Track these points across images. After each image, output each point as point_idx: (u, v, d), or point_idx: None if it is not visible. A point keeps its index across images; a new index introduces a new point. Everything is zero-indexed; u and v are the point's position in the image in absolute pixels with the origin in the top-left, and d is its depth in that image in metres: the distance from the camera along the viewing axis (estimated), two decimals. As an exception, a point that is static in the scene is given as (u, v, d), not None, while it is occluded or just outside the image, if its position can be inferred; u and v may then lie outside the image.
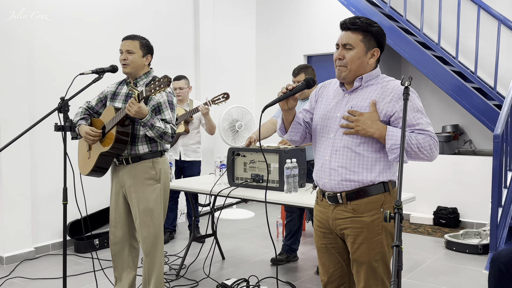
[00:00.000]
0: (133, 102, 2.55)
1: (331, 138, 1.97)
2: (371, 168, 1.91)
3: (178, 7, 5.64)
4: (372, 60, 1.95)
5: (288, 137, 2.07)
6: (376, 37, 1.93)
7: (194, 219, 3.86)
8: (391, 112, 1.88)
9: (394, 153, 1.83)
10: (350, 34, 1.92)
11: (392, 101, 1.88)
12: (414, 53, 5.18)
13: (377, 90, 1.93)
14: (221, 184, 3.45)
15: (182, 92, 4.65)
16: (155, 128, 2.64)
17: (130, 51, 2.76)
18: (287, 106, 1.97)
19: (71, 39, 4.50)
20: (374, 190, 1.92)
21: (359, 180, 1.91)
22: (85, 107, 2.96)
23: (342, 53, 1.93)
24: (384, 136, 1.84)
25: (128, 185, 2.78)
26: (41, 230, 4.31)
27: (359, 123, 1.87)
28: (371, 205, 1.92)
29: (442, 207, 5.20)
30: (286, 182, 3.11)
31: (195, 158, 4.73)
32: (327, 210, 2.02)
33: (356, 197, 1.93)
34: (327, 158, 1.97)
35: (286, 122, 2.06)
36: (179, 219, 5.37)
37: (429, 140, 1.84)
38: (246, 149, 3.41)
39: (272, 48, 6.66)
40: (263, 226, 5.25)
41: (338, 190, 1.95)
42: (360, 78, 1.95)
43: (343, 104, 1.98)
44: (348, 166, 1.92)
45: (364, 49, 1.91)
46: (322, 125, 2.02)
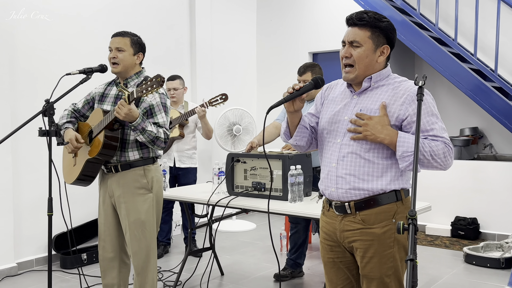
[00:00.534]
0: (122, 104, 2.54)
1: (338, 143, 1.97)
2: (381, 175, 1.90)
3: (172, 1, 5.67)
4: (382, 58, 1.94)
5: (294, 142, 2.07)
6: (385, 33, 1.92)
7: (190, 232, 3.86)
8: (404, 116, 1.87)
9: (406, 161, 1.82)
10: (357, 30, 1.91)
11: (405, 104, 1.87)
12: (428, 49, 5.19)
13: (388, 91, 1.92)
14: (219, 193, 3.45)
15: (176, 93, 4.66)
16: (147, 133, 2.64)
17: (120, 48, 2.76)
18: (293, 107, 1.97)
19: (56, 36, 4.52)
20: (385, 199, 1.91)
21: (369, 189, 1.90)
22: (71, 110, 2.96)
23: (349, 51, 1.92)
24: (394, 142, 1.83)
25: (117, 195, 2.78)
26: (24, 243, 4.31)
27: (367, 127, 1.86)
28: (382, 216, 1.91)
29: (461, 217, 5.19)
30: (290, 191, 3.11)
31: (190, 165, 4.74)
32: (334, 221, 2.01)
33: (366, 207, 1.92)
34: (333, 165, 1.96)
35: (291, 125, 2.06)
36: (174, 232, 5.37)
37: (443, 147, 1.83)
38: (246, 154, 3.41)
39: (274, 45, 6.68)
40: (266, 239, 5.25)
41: (346, 200, 1.94)
42: (369, 78, 1.94)
43: (351, 106, 1.97)
44: (356, 174, 1.91)
45: (372, 47, 1.90)
46: (329, 129, 2.01)
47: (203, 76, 5.95)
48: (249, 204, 3.17)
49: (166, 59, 5.58)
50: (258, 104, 6.84)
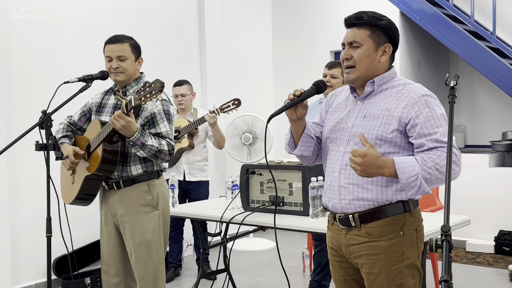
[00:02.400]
0: (119, 115, 2.55)
1: (341, 151, 2.02)
2: (386, 184, 1.93)
3: (179, 1, 5.72)
4: (384, 58, 1.99)
5: (298, 152, 2.11)
6: (386, 31, 1.98)
7: (203, 252, 3.86)
8: (406, 119, 1.90)
9: (413, 187, 1.81)
10: (356, 30, 1.98)
11: (407, 106, 1.91)
12: (464, 45, 5.15)
13: (392, 95, 1.97)
14: (233, 208, 3.45)
15: (184, 100, 4.69)
16: (147, 147, 2.65)
17: (122, 57, 2.78)
18: (296, 115, 2.03)
19: (54, 41, 4.59)
20: (392, 210, 1.94)
21: (374, 199, 1.94)
22: (66, 123, 2.99)
23: (349, 52, 1.99)
24: (394, 171, 1.81)
25: (120, 213, 2.79)
26: (22, 267, 4.36)
27: (364, 166, 1.81)
28: (388, 228, 1.94)
29: (505, 232, 5.11)
30: (311, 205, 3.10)
31: (202, 178, 4.75)
32: (339, 236, 2.06)
33: (371, 219, 1.95)
34: (336, 174, 2.01)
35: (295, 135, 2.11)
36: (185, 252, 5.37)
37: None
38: (262, 166, 3.41)
39: (292, 43, 6.69)
40: (287, 258, 5.23)
41: (350, 211, 1.98)
42: (371, 82, 2.00)
43: (355, 112, 2.03)
44: (360, 183, 1.95)
45: (373, 46, 1.97)
46: (332, 137, 2.07)
47: (214, 80, 5.98)
48: (267, 221, 3.15)
49: (173, 63, 5.63)
50: (276, 109, 6.84)
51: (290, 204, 3.27)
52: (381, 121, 1.94)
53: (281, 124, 6.83)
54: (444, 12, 5.36)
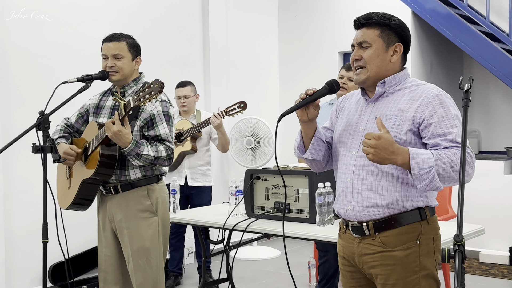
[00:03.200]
0: (114, 122, 2.55)
1: (353, 156, 2.02)
2: (402, 190, 1.93)
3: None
4: (395, 58, 2.00)
5: (309, 156, 2.11)
6: (396, 31, 2.00)
7: (205, 260, 3.85)
8: (420, 119, 1.91)
9: (424, 180, 1.80)
10: (366, 30, 2.00)
11: (421, 106, 1.91)
12: (479, 46, 5.13)
13: (405, 96, 1.97)
14: (237, 215, 3.45)
15: (187, 102, 4.69)
16: (143, 157, 2.66)
17: (117, 55, 2.79)
18: (307, 116, 2.03)
19: (53, 40, 4.60)
20: (408, 218, 1.94)
21: (389, 206, 1.94)
22: (63, 125, 3.00)
23: (359, 52, 2.01)
24: (408, 160, 1.81)
25: (118, 219, 2.79)
26: (16, 274, 4.36)
27: (377, 149, 1.81)
28: (404, 237, 1.94)
29: (521, 242, 5.09)
30: (318, 212, 3.09)
31: (204, 183, 4.75)
32: (351, 245, 2.05)
33: (386, 227, 1.95)
34: (348, 180, 2.01)
35: (305, 137, 2.11)
36: (186, 260, 5.37)
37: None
38: (267, 171, 3.41)
39: (299, 44, 6.69)
40: (292, 268, 5.20)
41: (364, 219, 1.98)
42: (382, 82, 2.00)
43: (367, 115, 2.03)
44: (374, 189, 1.95)
45: (383, 45, 1.99)
46: (343, 141, 2.07)
47: (218, 81, 5.98)
48: (271, 228, 3.15)
49: (176, 63, 5.63)
50: (282, 112, 6.84)
51: (296, 211, 3.26)
52: (394, 122, 1.94)
53: (287, 127, 6.82)
54: (458, 12, 5.35)
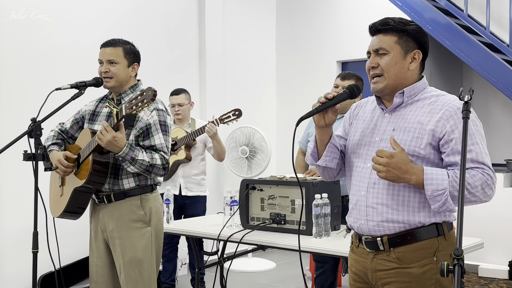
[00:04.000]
0: (107, 129, 2.56)
1: (368, 168, 1.98)
2: (419, 205, 1.90)
3: (179, 4, 5.75)
4: (414, 65, 1.98)
5: (323, 163, 2.07)
6: (414, 37, 1.97)
7: (198, 271, 3.84)
8: (441, 134, 1.88)
9: (438, 201, 1.81)
10: (382, 37, 1.97)
11: (442, 120, 1.88)
12: (478, 57, 5.16)
13: (424, 107, 1.94)
14: (232, 226, 3.45)
15: (181, 110, 4.70)
16: (138, 162, 2.66)
17: (112, 61, 2.80)
18: (324, 121, 1.99)
19: (47, 46, 4.61)
20: (425, 234, 1.91)
21: (405, 221, 1.91)
22: (57, 130, 3.00)
23: (375, 60, 1.97)
24: (422, 181, 1.82)
25: (111, 229, 2.78)
26: (5, 284, 4.33)
27: (390, 167, 1.82)
28: (421, 253, 1.90)
29: (521, 256, 5.09)
30: (314, 224, 3.09)
31: (199, 193, 4.75)
32: (364, 260, 2.02)
33: (402, 243, 1.92)
34: (362, 193, 1.98)
35: (320, 144, 2.07)
36: (179, 272, 5.35)
37: (481, 177, 1.82)
38: (263, 181, 3.41)
39: (296, 53, 6.71)
40: (287, 280, 5.20)
41: (378, 234, 1.95)
42: (401, 92, 1.97)
43: (383, 126, 2.00)
44: (390, 204, 1.92)
45: (401, 52, 1.95)
46: (357, 152, 2.04)
47: (214, 89, 5.99)
48: (267, 240, 3.15)
49: (171, 70, 5.64)
50: (278, 121, 6.86)
51: (292, 222, 3.26)
52: (413, 135, 1.91)
53: (282, 138, 6.84)
54: (458, 22, 5.39)
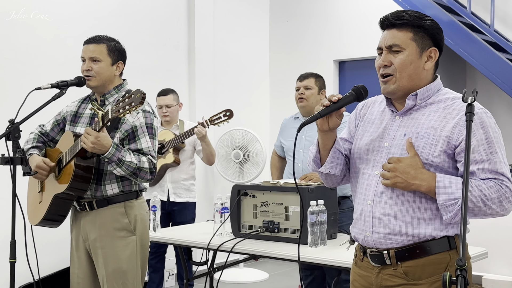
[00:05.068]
0: (88, 131, 2.55)
1: (375, 175, 1.94)
2: (430, 217, 1.87)
3: (167, 1, 5.74)
4: (430, 64, 1.93)
5: (326, 170, 2.03)
6: (430, 33, 1.91)
7: (187, 283, 3.84)
8: (457, 141, 1.83)
9: (450, 212, 1.78)
10: (396, 32, 1.90)
11: (458, 126, 1.84)
12: (482, 56, 5.17)
13: (439, 111, 1.90)
14: (222, 234, 3.44)
15: (169, 111, 4.69)
16: (125, 164, 2.64)
17: (95, 58, 2.79)
18: (328, 125, 1.95)
19: (28, 45, 4.58)
20: (435, 248, 1.87)
21: (414, 234, 1.87)
22: (37, 133, 2.98)
23: (388, 58, 1.90)
24: (433, 188, 1.80)
25: (93, 238, 2.77)
26: (-19, 297, 4.31)
27: (397, 172, 1.82)
28: (431, 268, 1.87)
29: (526, 266, 5.11)
30: (310, 232, 3.08)
31: (188, 199, 4.73)
32: (369, 274, 1.98)
33: (410, 257, 1.89)
34: (369, 202, 1.94)
35: (323, 149, 2.02)
36: (167, 283, 5.33)
37: (498, 189, 1.79)
38: (256, 187, 3.40)
39: (291, 51, 6.71)
40: (281, 292, 5.18)
41: (385, 247, 1.91)
42: (413, 94, 1.92)
43: (393, 130, 1.95)
44: (398, 215, 1.88)
45: (417, 50, 1.89)
46: (364, 158, 1.99)
47: (203, 89, 5.99)
48: (260, 249, 3.15)
49: (159, 70, 5.63)
50: (272, 123, 6.85)
51: (286, 230, 3.25)
52: (426, 141, 1.86)
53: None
54: (461, 20, 5.40)
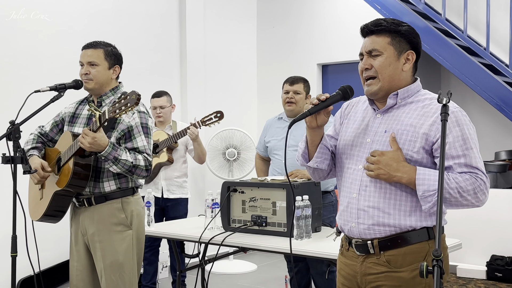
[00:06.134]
0: (86, 132, 2.55)
1: (359, 170, 1.97)
2: (411, 210, 1.90)
3: (159, 6, 5.72)
4: (408, 66, 1.96)
5: (314, 164, 2.06)
6: (407, 37, 1.95)
7: (179, 274, 3.83)
8: (434, 138, 1.87)
9: (428, 202, 1.82)
10: (375, 38, 1.95)
11: (436, 124, 1.87)
12: (456, 60, 5.21)
13: (417, 110, 1.93)
14: (213, 228, 3.44)
15: (163, 112, 4.68)
16: (121, 162, 2.64)
17: (92, 62, 2.79)
18: (316, 123, 1.98)
19: (25, 48, 4.55)
20: (415, 237, 1.90)
21: (396, 225, 1.90)
22: (37, 133, 2.97)
23: (369, 61, 1.95)
24: (413, 180, 1.83)
25: (91, 232, 2.77)
26: (-17, 289, 4.28)
27: (380, 165, 1.86)
28: (411, 257, 1.90)
29: (498, 257, 5.14)
30: (296, 226, 3.09)
31: (181, 195, 4.73)
32: (354, 263, 2.01)
33: (392, 246, 1.91)
34: (354, 195, 1.96)
35: (311, 145, 2.06)
36: (160, 274, 5.32)
37: (473, 181, 1.82)
38: (244, 183, 3.41)
39: (277, 55, 6.72)
40: (269, 282, 5.20)
41: (369, 237, 1.94)
42: (395, 94, 1.96)
43: (375, 126, 1.98)
44: (381, 207, 1.91)
45: (395, 53, 1.93)
46: (349, 153, 2.02)
47: (195, 91, 5.98)
48: (248, 242, 3.15)
49: (151, 73, 5.62)
50: (259, 123, 6.85)
51: (274, 224, 3.26)
52: (406, 138, 1.89)
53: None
54: (435, 26, 5.44)
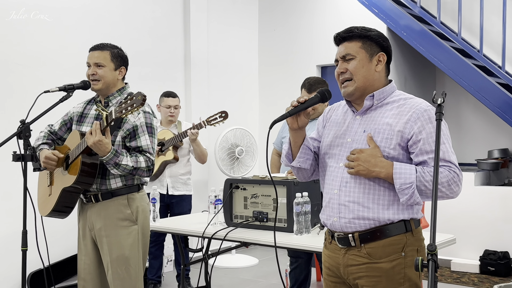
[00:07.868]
0: (96, 129, 2.55)
1: (340, 167, 2.01)
2: (389, 204, 1.94)
3: (164, 10, 5.72)
4: (380, 67, 2.01)
5: (297, 164, 2.10)
6: (377, 41, 2.01)
7: (183, 268, 3.83)
8: (409, 135, 1.91)
9: (405, 194, 1.86)
10: (347, 44, 2.01)
11: (410, 121, 1.92)
12: (451, 62, 5.21)
13: (393, 110, 1.98)
14: (216, 224, 3.43)
15: (176, 112, 4.72)
16: (121, 167, 2.65)
17: (99, 64, 2.79)
18: (297, 124, 2.02)
19: (33, 49, 4.56)
20: (393, 230, 1.95)
21: (375, 218, 1.94)
22: (47, 131, 2.97)
23: (343, 66, 2.01)
24: (391, 174, 1.88)
25: (98, 227, 2.77)
26: (-5, 282, 4.28)
27: (359, 161, 1.91)
28: (389, 249, 1.94)
29: (491, 251, 5.14)
30: (296, 221, 3.09)
31: (185, 192, 4.73)
32: (337, 255, 2.04)
33: (372, 239, 1.95)
34: (335, 191, 2.01)
35: (294, 145, 2.10)
36: (165, 268, 5.33)
37: (447, 174, 1.86)
38: (246, 180, 3.40)
39: (278, 57, 6.71)
40: (270, 276, 5.20)
41: (350, 230, 1.98)
42: (371, 96, 2.00)
43: (354, 127, 2.03)
44: (361, 201, 1.95)
45: (366, 56, 1.99)
46: (330, 153, 2.07)
47: (199, 92, 5.98)
48: (250, 237, 3.15)
49: (157, 75, 5.61)
50: (261, 123, 6.85)
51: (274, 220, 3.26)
52: (383, 136, 1.94)
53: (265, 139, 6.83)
54: (431, 29, 5.43)
